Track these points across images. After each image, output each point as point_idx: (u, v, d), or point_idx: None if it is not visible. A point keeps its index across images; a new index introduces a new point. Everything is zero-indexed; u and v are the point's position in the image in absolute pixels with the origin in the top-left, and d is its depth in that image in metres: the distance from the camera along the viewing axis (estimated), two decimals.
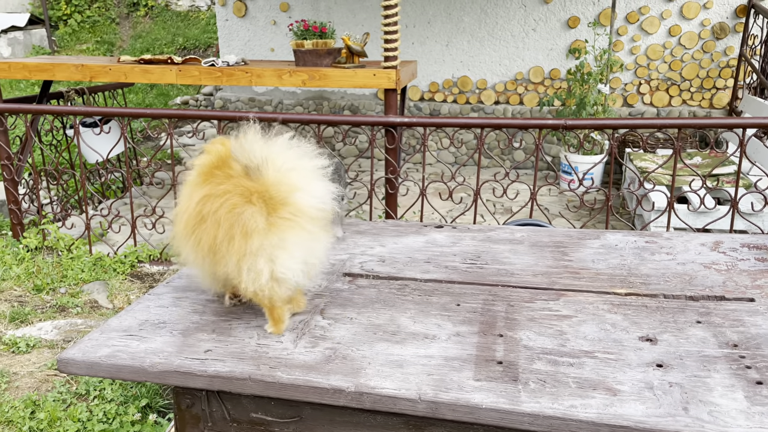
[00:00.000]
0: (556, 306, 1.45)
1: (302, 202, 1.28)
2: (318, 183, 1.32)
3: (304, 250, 1.29)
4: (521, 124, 3.22)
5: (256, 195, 1.26)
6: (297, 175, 1.29)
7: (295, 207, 1.27)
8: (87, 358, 1.28)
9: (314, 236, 1.30)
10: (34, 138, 3.94)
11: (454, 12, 5.61)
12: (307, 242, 1.29)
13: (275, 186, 1.27)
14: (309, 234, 1.29)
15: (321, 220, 1.31)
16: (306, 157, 1.33)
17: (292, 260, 1.28)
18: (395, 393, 1.13)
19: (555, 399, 1.09)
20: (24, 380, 2.54)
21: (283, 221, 1.26)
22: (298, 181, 1.29)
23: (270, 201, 1.26)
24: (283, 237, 1.26)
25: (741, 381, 1.13)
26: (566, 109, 5.00)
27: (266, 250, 1.25)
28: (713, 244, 1.79)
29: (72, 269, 3.55)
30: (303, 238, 1.28)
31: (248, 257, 1.25)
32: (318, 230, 1.31)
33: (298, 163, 1.31)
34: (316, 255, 1.33)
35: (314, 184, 1.31)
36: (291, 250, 1.27)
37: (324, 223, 1.32)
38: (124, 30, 9.72)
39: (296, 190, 1.28)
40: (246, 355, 1.26)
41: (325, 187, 1.32)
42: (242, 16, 6.17)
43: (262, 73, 3.49)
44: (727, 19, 5.12)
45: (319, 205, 1.30)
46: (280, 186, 1.27)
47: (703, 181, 3.08)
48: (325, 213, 1.31)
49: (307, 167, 1.32)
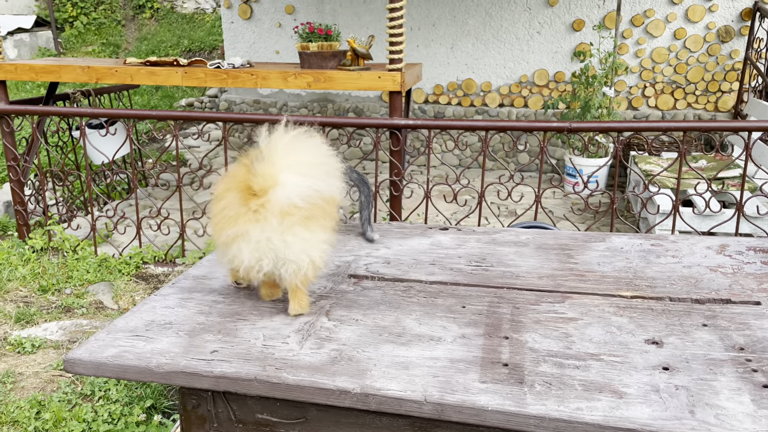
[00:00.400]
0: (562, 308, 1.45)
1: (275, 197, 1.30)
2: (301, 179, 1.33)
3: (259, 243, 1.33)
4: (526, 126, 3.22)
5: (241, 184, 1.34)
6: (278, 170, 1.32)
7: (266, 200, 1.31)
8: (94, 358, 1.28)
9: (279, 230, 1.32)
10: (41, 139, 3.95)
11: (459, 15, 5.62)
12: (267, 235, 1.32)
13: (257, 178, 1.31)
14: (271, 228, 1.31)
15: (299, 216, 1.32)
16: (303, 154, 1.36)
17: (246, 251, 1.34)
18: (401, 395, 1.13)
19: (561, 401, 1.09)
20: (29, 380, 2.55)
21: (248, 213, 1.32)
22: (277, 176, 1.31)
23: (248, 191, 1.33)
24: (246, 229, 1.32)
25: (747, 384, 1.13)
26: (571, 111, 5.00)
27: (236, 237, 1.33)
28: (719, 247, 1.79)
29: (77, 270, 3.56)
30: (263, 231, 1.32)
31: (223, 242, 1.36)
32: (293, 224, 1.32)
33: (290, 158, 1.34)
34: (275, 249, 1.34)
35: (296, 180, 1.32)
36: (250, 241, 1.33)
37: (307, 220, 1.33)
38: (129, 32, 9.75)
39: (274, 184, 1.31)
40: (252, 356, 1.27)
41: (309, 184, 1.33)
42: (247, 18, 6.19)
43: (268, 75, 3.50)
44: (733, 23, 5.11)
45: (294, 201, 1.31)
46: (258, 178, 1.31)
47: (709, 185, 3.07)
48: (309, 209, 1.33)
49: (298, 162, 1.35)
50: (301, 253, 1.34)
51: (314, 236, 1.36)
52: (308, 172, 1.34)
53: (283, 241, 1.33)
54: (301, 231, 1.34)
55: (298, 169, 1.34)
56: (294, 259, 1.34)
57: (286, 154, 1.33)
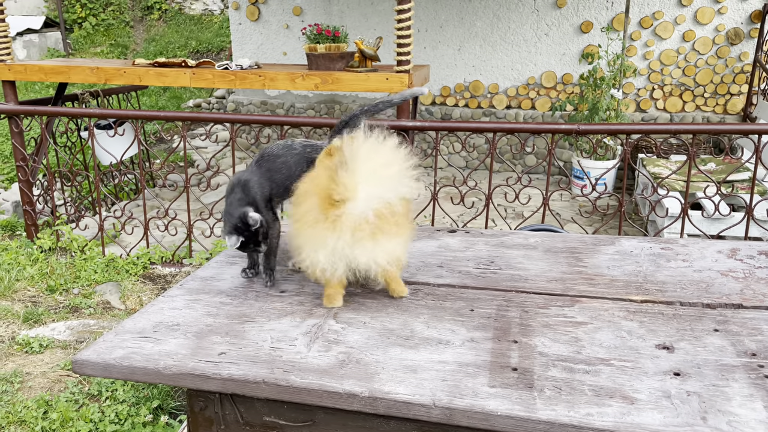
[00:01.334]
0: (571, 312, 1.44)
1: (350, 211, 1.37)
2: (376, 191, 1.40)
3: (335, 251, 1.40)
4: (534, 128, 3.21)
5: (323, 191, 1.39)
6: (357, 181, 1.37)
7: (342, 212, 1.37)
8: (102, 359, 1.28)
9: (350, 243, 1.39)
10: (49, 140, 3.97)
11: (467, 17, 5.61)
12: (341, 245, 1.39)
13: (338, 188, 1.36)
14: (344, 241, 1.39)
15: (375, 225, 1.39)
16: (378, 163, 1.42)
17: (322, 256, 1.41)
18: (409, 398, 1.13)
19: (571, 407, 1.08)
20: (37, 380, 2.56)
21: (327, 222, 1.38)
22: (356, 189, 1.37)
23: (328, 199, 1.38)
24: (323, 236, 1.39)
25: (760, 390, 1.12)
26: (579, 114, 4.98)
27: (314, 242, 1.40)
28: (730, 251, 1.77)
29: (85, 270, 3.57)
30: (338, 240, 1.39)
31: (302, 243, 1.45)
32: (361, 239, 1.39)
33: (369, 166, 1.40)
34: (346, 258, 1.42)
35: (372, 193, 1.39)
36: (326, 247, 1.39)
37: (376, 231, 1.40)
38: (137, 33, 9.80)
39: (352, 197, 1.37)
40: (260, 358, 1.26)
41: (382, 195, 1.40)
42: (255, 19, 6.21)
43: (276, 77, 3.50)
44: (742, 25, 5.08)
45: (367, 216, 1.38)
46: (339, 188, 1.36)
47: (718, 188, 3.05)
48: (377, 223, 1.39)
49: (376, 173, 1.41)
50: (369, 262, 1.42)
51: (378, 246, 1.42)
52: (383, 182, 1.41)
53: (352, 253, 1.40)
54: (369, 243, 1.40)
55: (376, 179, 1.41)
56: (364, 268, 1.43)
57: (365, 161, 1.39)
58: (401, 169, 1.44)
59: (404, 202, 1.47)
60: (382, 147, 1.44)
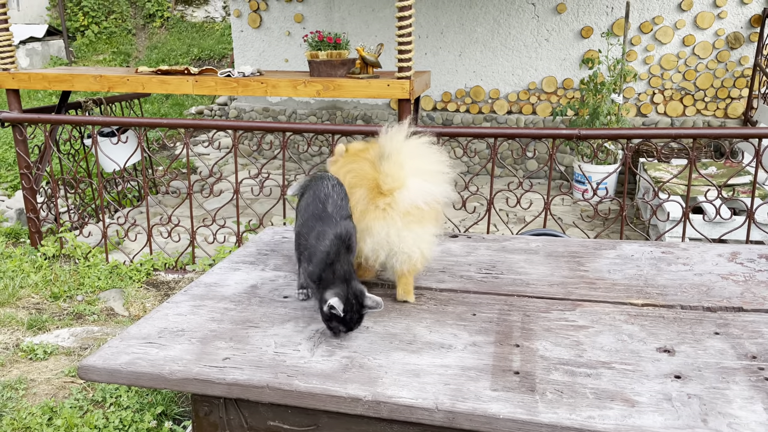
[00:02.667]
0: (573, 316, 1.45)
1: (401, 198, 1.45)
2: (423, 184, 1.49)
3: (380, 237, 1.46)
4: (535, 133, 3.23)
5: (371, 182, 1.46)
6: (405, 173, 1.47)
7: (392, 200, 1.45)
8: (107, 365, 1.29)
9: (399, 227, 1.46)
10: (53, 147, 3.99)
11: (467, 23, 5.64)
12: (387, 231, 1.45)
13: (384, 177, 1.45)
14: (394, 226, 1.45)
15: (416, 215, 1.47)
16: (425, 160, 1.52)
17: (369, 244, 1.46)
18: (412, 402, 1.13)
19: (573, 410, 1.09)
20: (41, 387, 2.57)
21: (376, 210, 1.45)
22: (405, 179, 1.46)
23: (376, 189, 1.45)
24: (372, 225, 1.45)
25: (761, 393, 1.12)
26: (579, 118, 4.99)
27: (362, 232, 1.46)
28: (730, 254, 1.78)
29: (89, 277, 3.59)
30: (385, 227, 1.45)
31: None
32: (410, 222, 1.47)
33: (415, 163, 1.49)
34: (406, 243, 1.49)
35: (419, 185, 1.48)
36: (373, 235, 1.45)
37: (422, 219, 1.49)
38: (140, 41, 9.85)
39: (400, 186, 1.46)
40: (264, 363, 1.28)
41: (429, 189, 1.49)
42: (257, 27, 6.24)
43: (278, 84, 3.52)
44: (742, 29, 5.10)
45: (418, 204, 1.47)
46: (387, 178, 1.45)
47: (719, 192, 3.06)
48: (425, 211, 1.48)
49: (422, 168, 1.50)
50: (413, 245, 1.49)
51: (425, 231, 1.51)
52: (430, 178, 1.51)
53: (398, 235, 1.46)
54: (417, 228, 1.49)
55: (422, 173, 1.50)
56: (407, 251, 1.48)
57: (411, 157, 1.49)
58: (442, 170, 1.53)
59: (437, 203, 1.55)
60: (425, 147, 1.54)
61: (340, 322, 1.32)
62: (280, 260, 1.83)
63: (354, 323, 1.33)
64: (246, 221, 3.96)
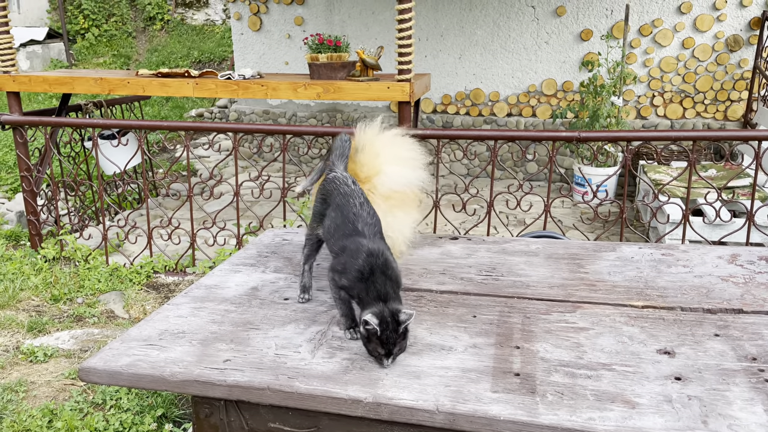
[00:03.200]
0: (573, 318, 1.45)
1: (380, 183, 1.58)
2: (399, 169, 1.62)
3: None
4: (535, 136, 3.23)
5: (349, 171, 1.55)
6: (381, 161, 1.60)
7: (371, 186, 1.58)
8: (108, 367, 1.29)
9: (383, 212, 1.55)
10: (53, 150, 4.00)
11: (467, 25, 5.65)
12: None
13: (360, 166, 1.59)
14: (379, 210, 1.51)
15: (397, 200, 1.61)
16: (399, 148, 1.65)
17: None
18: (413, 404, 1.14)
19: (573, 411, 1.09)
20: (41, 389, 2.57)
21: None
22: (380, 166, 1.59)
23: (356, 177, 1.55)
24: None
25: (760, 394, 1.13)
26: (579, 121, 5.00)
27: None
28: (730, 257, 1.78)
29: (89, 279, 3.59)
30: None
31: None
32: (393, 207, 1.60)
33: (388, 151, 1.62)
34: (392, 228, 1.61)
35: (395, 170, 1.61)
36: None
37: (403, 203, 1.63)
38: (140, 43, 9.86)
39: (377, 173, 1.59)
40: (264, 365, 1.28)
41: (405, 174, 1.63)
42: (257, 30, 6.25)
43: (278, 86, 3.53)
44: (741, 32, 5.10)
45: (394, 187, 1.60)
46: (363, 167, 1.57)
47: (719, 194, 3.06)
48: (403, 195, 1.62)
49: (397, 155, 1.63)
50: (398, 231, 1.62)
51: (408, 217, 1.64)
52: (405, 164, 1.64)
53: (385, 221, 1.53)
54: (399, 213, 1.62)
55: (398, 160, 1.63)
56: (390, 235, 1.58)
57: (386, 146, 1.62)
58: (418, 158, 1.66)
59: (417, 188, 1.67)
60: (401, 138, 1.67)
61: (379, 342, 1.23)
62: (281, 262, 1.84)
63: (391, 344, 1.22)
64: (246, 224, 3.96)
